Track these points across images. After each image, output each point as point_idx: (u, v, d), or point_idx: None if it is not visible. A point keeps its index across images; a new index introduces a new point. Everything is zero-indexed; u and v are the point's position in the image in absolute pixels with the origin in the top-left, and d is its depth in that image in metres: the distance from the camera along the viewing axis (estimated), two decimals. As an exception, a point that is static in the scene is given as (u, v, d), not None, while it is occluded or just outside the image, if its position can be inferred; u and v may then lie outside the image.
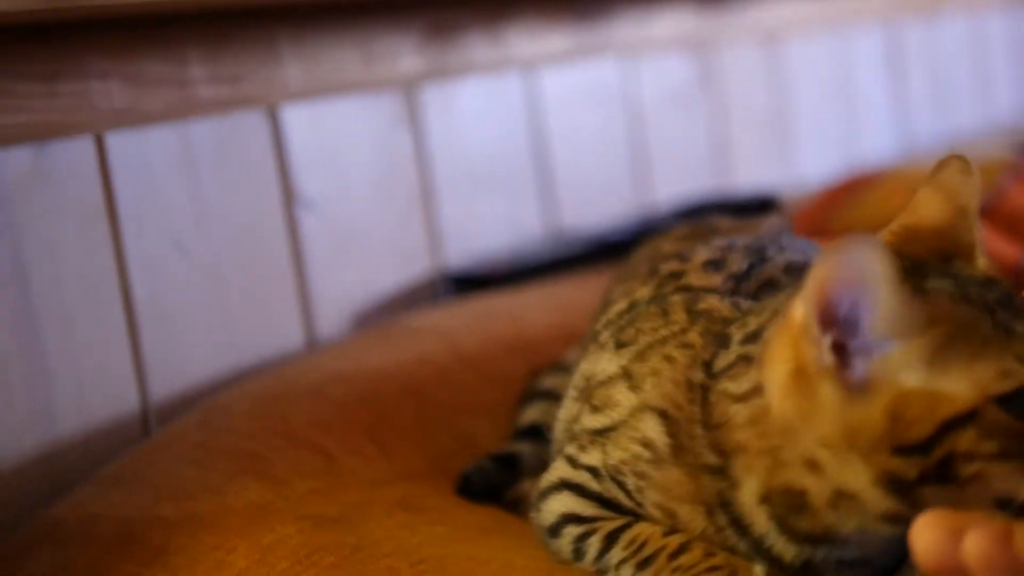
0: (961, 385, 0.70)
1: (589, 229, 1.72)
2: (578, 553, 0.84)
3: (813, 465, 0.74)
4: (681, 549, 0.79)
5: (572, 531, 0.85)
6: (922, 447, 0.70)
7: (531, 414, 1.17)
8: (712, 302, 0.88)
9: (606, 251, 1.57)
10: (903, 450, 0.71)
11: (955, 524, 0.64)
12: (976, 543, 0.63)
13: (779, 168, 2.14)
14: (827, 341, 0.72)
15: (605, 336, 0.94)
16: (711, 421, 0.79)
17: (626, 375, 0.86)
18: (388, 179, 1.50)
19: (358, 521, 0.99)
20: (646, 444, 0.82)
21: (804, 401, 0.73)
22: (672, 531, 0.81)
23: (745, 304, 0.88)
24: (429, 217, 1.53)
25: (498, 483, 1.11)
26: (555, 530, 0.87)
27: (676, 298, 0.90)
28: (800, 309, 0.72)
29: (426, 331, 1.35)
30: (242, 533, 0.96)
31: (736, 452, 0.77)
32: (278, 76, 1.39)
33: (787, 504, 0.76)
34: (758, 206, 1.82)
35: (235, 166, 1.35)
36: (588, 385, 0.90)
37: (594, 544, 0.83)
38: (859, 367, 0.72)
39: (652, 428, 0.82)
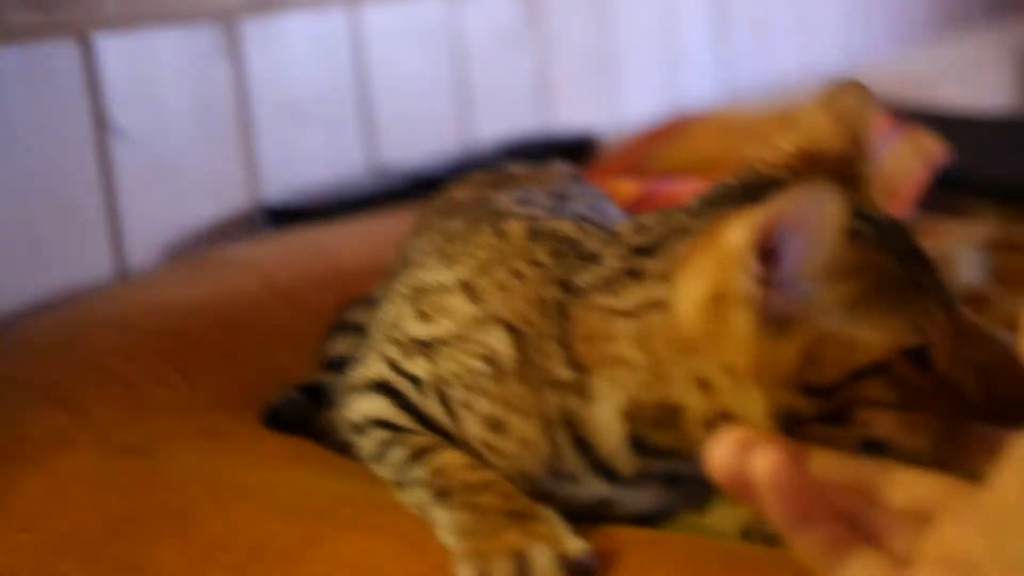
0: (877, 335, 0.71)
1: (410, 165, 1.73)
2: (380, 456, 0.84)
3: (705, 385, 0.73)
4: (481, 486, 0.79)
5: (379, 435, 0.85)
6: (828, 390, 0.71)
7: (338, 346, 1.18)
8: (555, 224, 0.87)
9: (425, 187, 1.58)
10: (809, 390, 0.71)
11: (749, 438, 0.63)
12: (765, 459, 0.62)
13: (602, 108, 2.16)
14: (760, 273, 0.70)
15: (422, 258, 0.92)
16: (571, 336, 0.78)
17: (465, 287, 0.84)
18: (206, 110, 1.48)
19: (159, 449, 0.99)
20: (488, 359, 0.81)
21: (717, 325, 0.72)
22: (477, 466, 0.81)
23: (589, 226, 0.86)
24: (247, 149, 1.52)
25: (304, 414, 1.11)
26: (361, 428, 0.86)
27: (514, 221, 0.88)
28: (739, 235, 0.69)
29: (240, 263, 1.35)
30: (39, 461, 0.95)
31: (602, 366, 0.76)
32: (93, 3, 1.36)
33: (655, 419, 0.75)
34: (577, 146, 1.85)
35: (46, 94, 1.32)
36: (416, 290, 0.88)
37: (399, 454, 0.83)
38: (779, 303, 0.71)
39: (499, 340, 0.81)
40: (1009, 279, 1.58)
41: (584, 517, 0.80)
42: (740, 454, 0.63)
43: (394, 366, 0.86)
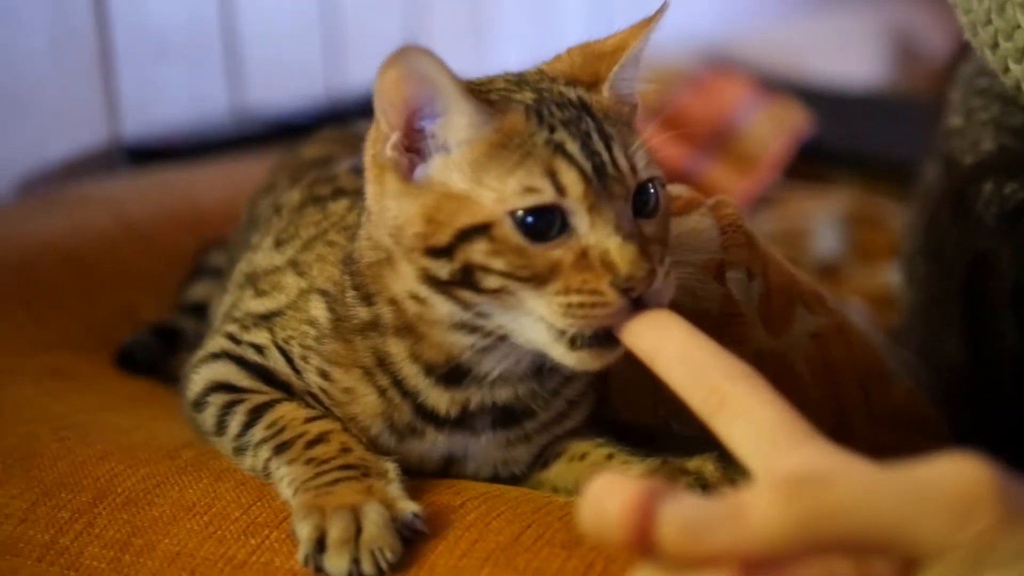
0: (488, 195, 0.72)
1: (275, 107, 1.70)
2: (221, 426, 0.84)
3: (391, 263, 0.77)
4: (319, 439, 0.79)
5: (218, 400, 0.84)
6: (445, 252, 0.73)
7: (198, 291, 1.16)
8: None
9: (290, 132, 1.56)
10: (432, 252, 0.73)
11: (642, 491, 0.52)
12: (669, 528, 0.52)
13: (474, 63, 2.15)
14: (395, 136, 0.74)
15: (256, 239, 0.95)
16: (354, 272, 0.80)
17: (293, 264, 0.87)
18: (64, 39, 1.43)
19: (1, 386, 0.97)
20: (311, 323, 0.83)
21: (378, 188, 0.76)
22: (315, 418, 0.81)
23: None
24: (108, 83, 1.48)
25: (158, 356, 1.10)
26: (200, 401, 0.85)
27: (341, 199, 0.92)
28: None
29: (95, 200, 1.32)
30: None
31: (373, 284, 0.78)
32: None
33: (404, 326, 0.78)
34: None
35: None
36: (251, 276, 0.90)
37: (238, 417, 0.83)
38: (431, 164, 0.74)
39: (316, 307, 0.83)
40: (865, 251, 1.61)
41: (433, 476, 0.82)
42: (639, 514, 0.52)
43: (234, 339, 0.87)
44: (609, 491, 0.53)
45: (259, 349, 0.85)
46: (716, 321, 0.83)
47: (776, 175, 1.86)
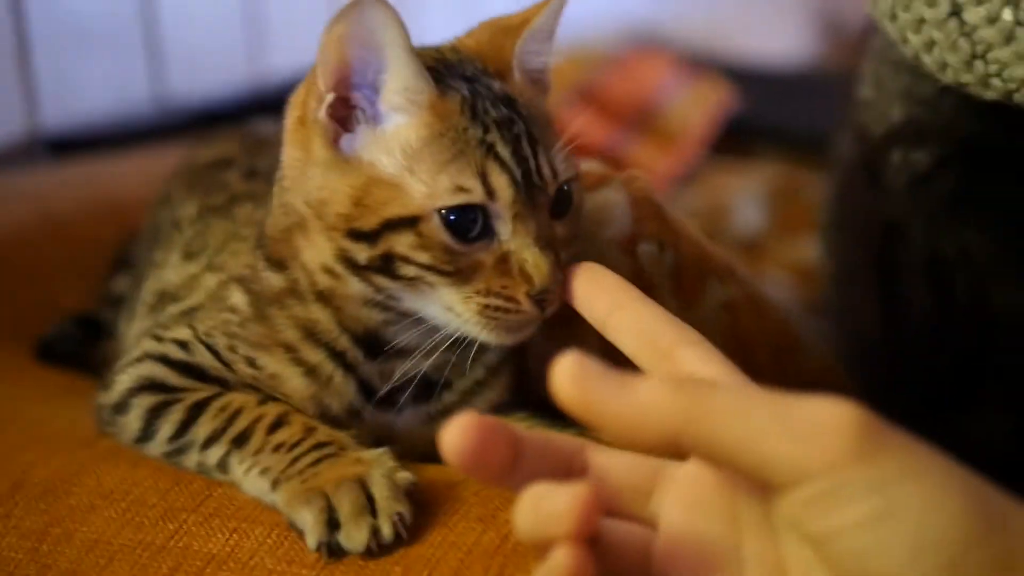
0: (419, 188, 0.72)
1: (199, 95, 1.68)
2: (148, 430, 0.80)
3: (304, 230, 0.76)
4: (279, 422, 0.77)
5: (145, 402, 0.81)
6: (368, 237, 0.73)
7: (120, 284, 1.15)
8: None
9: (212, 121, 1.55)
10: (354, 234, 0.73)
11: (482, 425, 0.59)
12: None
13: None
14: (330, 97, 0.74)
15: (160, 255, 0.95)
16: (265, 243, 0.80)
17: (209, 267, 0.87)
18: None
19: (-84, 382, 0.97)
20: (232, 310, 0.82)
21: (302, 153, 0.76)
22: (266, 400, 0.79)
23: None
24: (24, 75, 1.46)
25: (80, 347, 1.09)
26: (123, 403, 0.82)
27: (244, 204, 0.92)
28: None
29: (15, 193, 1.30)
30: None
31: (288, 251, 0.78)
32: None
33: (320, 295, 0.78)
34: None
35: None
36: (163, 294, 0.89)
37: (173, 416, 0.79)
38: (358, 137, 0.74)
39: (234, 294, 0.82)
40: (787, 225, 1.63)
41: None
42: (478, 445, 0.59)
43: (157, 338, 0.85)
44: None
45: (182, 345, 0.83)
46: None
47: (701, 152, 1.87)
